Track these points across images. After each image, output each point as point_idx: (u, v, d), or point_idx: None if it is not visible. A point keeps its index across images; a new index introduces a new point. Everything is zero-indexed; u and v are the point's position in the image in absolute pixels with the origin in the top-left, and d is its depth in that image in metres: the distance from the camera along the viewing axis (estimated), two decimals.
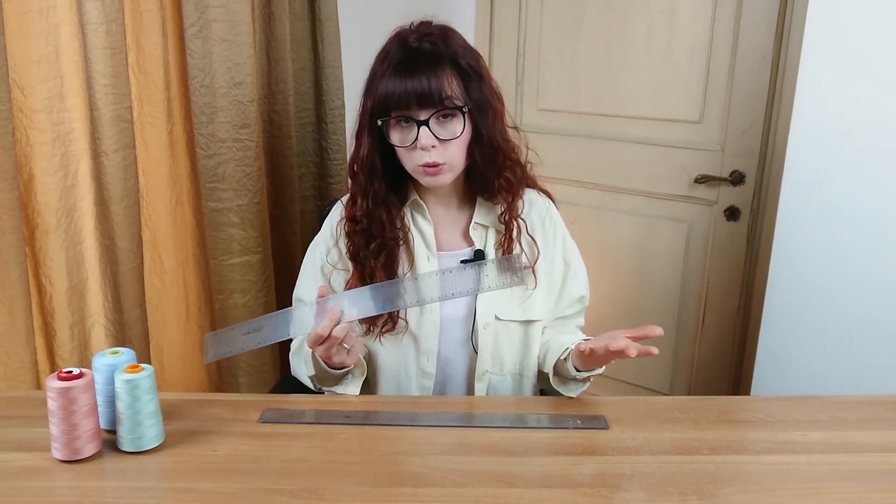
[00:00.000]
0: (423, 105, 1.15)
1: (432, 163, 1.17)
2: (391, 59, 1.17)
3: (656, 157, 2.10)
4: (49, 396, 0.95)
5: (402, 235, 1.26)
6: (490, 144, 1.21)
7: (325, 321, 1.08)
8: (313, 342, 1.10)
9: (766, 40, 1.87)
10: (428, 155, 1.16)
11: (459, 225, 1.30)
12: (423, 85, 1.14)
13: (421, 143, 1.15)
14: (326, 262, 1.30)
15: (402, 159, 1.21)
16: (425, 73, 1.14)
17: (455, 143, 1.18)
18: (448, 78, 1.16)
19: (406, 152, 1.18)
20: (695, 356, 2.18)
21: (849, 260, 1.74)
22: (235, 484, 0.94)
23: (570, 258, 1.33)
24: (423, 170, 1.18)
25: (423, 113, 1.15)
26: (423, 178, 1.20)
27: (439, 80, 1.15)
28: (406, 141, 1.17)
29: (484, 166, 1.22)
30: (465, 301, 1.26)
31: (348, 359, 1.15)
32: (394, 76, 1.16)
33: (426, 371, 1.27)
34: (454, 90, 1.16)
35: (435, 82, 1.14)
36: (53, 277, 1.46)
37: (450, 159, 1.18)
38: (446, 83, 1.15)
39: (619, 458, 1.01)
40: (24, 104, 1.38)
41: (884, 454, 1.02)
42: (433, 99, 1.14)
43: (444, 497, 0.91)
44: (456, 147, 1.18)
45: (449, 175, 1.20)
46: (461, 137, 1.18)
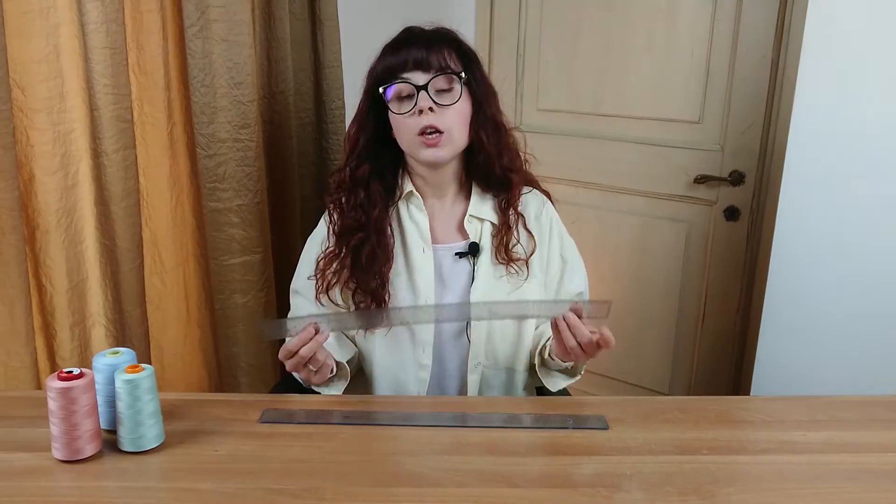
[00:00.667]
0: (420, 68, 1.19)
1: (431, 127, 1.18)
2: (393, 40, 1.23)
3: (656, 157, 2.10)
4: (49, 396, 0.95)
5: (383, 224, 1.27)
6: (492, 121, 1.25)
7: (296, 339, 1.11)
8: (283, 357, 1.14)
9: (766, 40, 1.87)
10: (426, 118, 1.18)
11: (454, 218, 1.31)
12: (422, 52, 1.19)
13: (420, 104, 1.18)
14: (322, 250, 1.31)
15: (400, 134, 1.23)
16: (424, 44, 1.20)
17: (453, 113, 1.20)
18: (447, 51, 1.21)
19: (404, 122, 1.20)
20: (695, 356, 2.18)
21: (849, 260, 1.74)
22: (235, 484, 0.94)
23: (568, 255, 1.34)
24: (421, 141, 1.19)
25: (421, 77, 1.19)
26: (422, 151, 1.21)
27: (439, 51, 1.20)
28: (405, 108, 1.19)
29: (488, 143, 1.25)
30: (459, 293, 1.26)
31: (314, 378, 1.18)
32: (393, 51, 1.21)
33: (422, 363, 1.28)
34: (453, 61, 1.21)
35: (434, 52, 1.19)
36: (54, 277, 1.46)
37: (448, 127, 1.20)
38: (445, 54, 1.21)
39: (619, 458, 1.01)
40: (24, 104, 1.38)
41: (884, 454, 1.02)
42: (430, 63, 1.19)
43: (444, 497, 0.92)
44: (455, 117, 1.21)
45: (448, 149, 1.22)
46: (460, 109, 1.21)
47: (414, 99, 1.19)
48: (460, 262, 1.28)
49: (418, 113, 1.18)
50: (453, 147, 1.22)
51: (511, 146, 1.29)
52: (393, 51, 1.22)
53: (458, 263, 1.28)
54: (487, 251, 1.28)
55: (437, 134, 1.19)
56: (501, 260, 1.27)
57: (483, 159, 1.26)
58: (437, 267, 1.28)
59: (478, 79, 1.24)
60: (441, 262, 1.28)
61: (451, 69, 1.20)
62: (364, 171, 1.26)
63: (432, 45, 1.20)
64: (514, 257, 1.27)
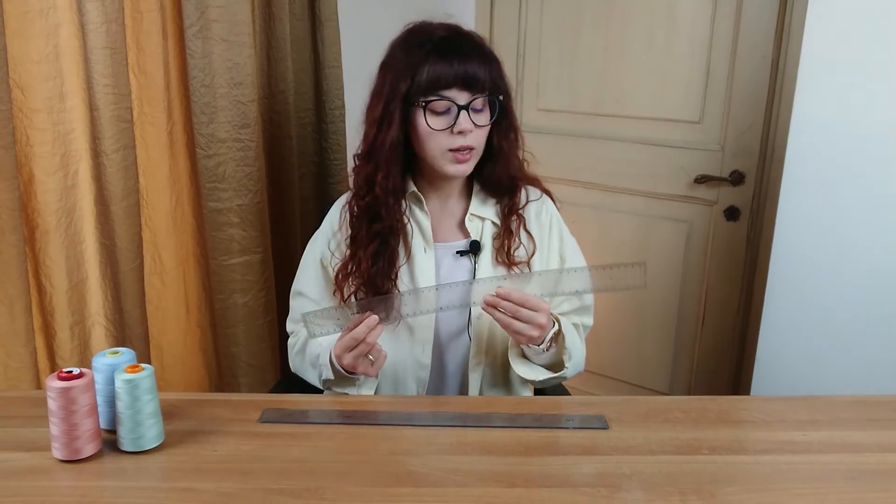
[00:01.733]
0: (466, 87, 1.17)
1: (467, 146, 1.19)
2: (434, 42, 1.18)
3: (656, 157, 2.10)
4: (49, 396, 0.95)
5: (400, 227, 1.27)
6: (514, 129, 1.26)
7: (362, 326, 1.12)
8: (344, 348, 1.14)
9: (766, 40, 1.87)
10: (463, 139, 1.18)
11: (455, 216, 1.31)
12: (464, 68, 1.17)
13: (461, 126, 1.17)
14: (327, 248, 1.30)
15: (428, 145, 1.20)
16: (474, 57, 1.18)
17: (483, 131, 1.22)
18: (485, 66, 1.19)
19: (436, 136, 1.19)
20: (695, 356, 2.18)
21: (849, 260, 1.74)
22: (235, 484, 0.94)
23: (567, 254, 1.33)
24: (453, 156, 1.20)
25: (464, 97, 1.17)
26: (451, 165, 1.21)
27: (479, 67, 1.18)
28: (442, 124, 1.18)
29: (508, 153, 1.26)
30: (460, 291, 1.26)
31: (372, 370, 1.18)
32: (441, 59, 1.17)
33: (422, 362, 1.28)
34: (490, 78, 1.20)
35: (476, 67, 1.17)
36: (53, 277, 1.46)
37: (479, 145, 1.21)
38: (484, 70, 1.19)
39: (619, 457, 1.01)
40: (24, 104, 1.38)
41: (884, 454, 1.02)
42: (476, 83, 1.17)
43: (444, 497, 0.91)
44: (483, 135, 1.22)
45: (473, 163, 1.23)
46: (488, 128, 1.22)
47: (452, 116, 1.17)
48: (461, 260, 1.28)
49: (457, 132, 1.18)
50: (475, 162, 1.24)
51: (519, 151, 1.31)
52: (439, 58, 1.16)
53: (458, 262, 1.28)
54: (488, 249, 1.28)
55: (469, 151, 1.20)
56: (502, 262, 1.27)
57: (499, 167, 1.27)
58: (438, 265, 1.28)
59: (504, 89, 1.23)
60: (441, 261, 1.28)
61: (490, 91, 1.19)
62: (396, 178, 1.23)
63: (474, 58, 1.18)
64: (516, 261, 1.27)
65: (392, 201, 1.24)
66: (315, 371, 1.26)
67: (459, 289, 1.19)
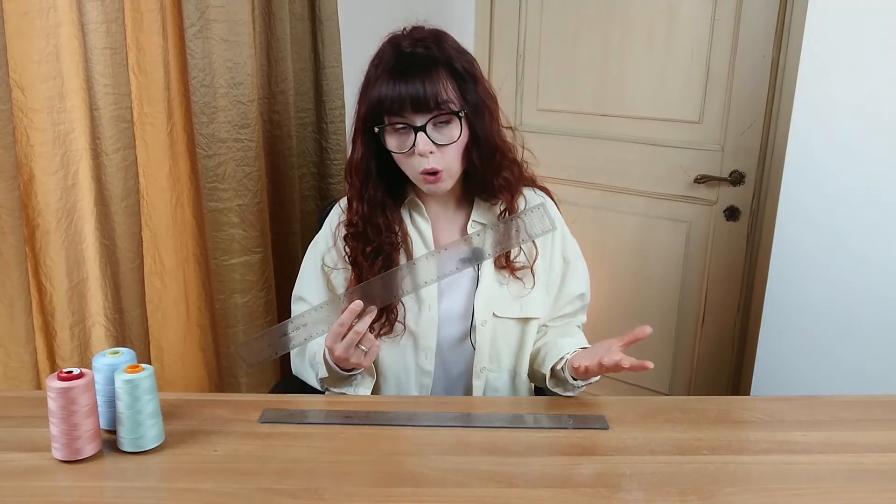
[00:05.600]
0: (418, 110, 1.14)
1: (431, 169, 1.17)
2: (385, 63, 1.16)
3: (656, 157, 2.10)
4: (49, 396, 0.95)
5: (399, 239, 1.25)
6: (487, 145, 1.21)
7: (346, 313, 1.09)
8: (334, 338, 1.11)
9: (766, 40, 1.87)
10: (426, 161, 1.16)
11: (457, 224, 1.30)
12: (419, 90, 1.13)
13: (419, 149, 1.14)
14: (325, 263, 1.30)
15: (401, 165, 1.20)
16: (420, 78, 1.13)
17: (452, 148, 1.18)
18: (443, 82, 1.15)
19: (404, 158, 1.18)
20: (695, 356, 2.18)
21: (848, 259, 1.74)
22: (235, 484, 0.94)
23: (570, 256, 1.33)
24: (423, 178, 1.18)
25: (419, 118, 1.14)
26: (424, 185, 1.20)
27: (434, 85, 1.13)
28: (403, 147, 1.17)
29: (482, 168, 1.22)
30: (463, 298, 1.26)
31: (365, 360, 1.14)
32: (388, 81, 1.14)
33: (425, 369, 1.27)
34: (450, 94, 1.16)
35: (430, 87, 1.13)
36: (53, 277, 1.46)
37: (447, 165, 1.18)
38: (441, 87, 1.14)
39: (619, 458, 1.01)
40: (24, 104, 1.38)
41: (884, 454, 1.02)
42: (429, 104, 1.13)
43: (444, 497, 0.91)
44: (453, 152, 1.18)
45: (448, 182, 1.21)
46: (460, 141, 1.18)
47: (411, 136, 1.15)
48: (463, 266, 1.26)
49: (418, 155, 1.16)
50: (452, 179, 1.21)
51: (508, 159, 1.26)
52: (387, 81, 1.14)
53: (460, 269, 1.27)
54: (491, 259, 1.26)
55: (438, 173, 1.18)
56: (502, 267, 1.26)
57: (478, 179, 1.24)
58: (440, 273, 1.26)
59: (474, 103, 1.19)
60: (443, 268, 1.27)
61: (449, 108, 1.15)
62: (380, 195, 1.23)
63: (428, 76, 1.14)
64: (516, 267, 1.26)
65: (382, 217, 1.23)
66: (313, 371, 1.25)
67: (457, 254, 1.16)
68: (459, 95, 1.17)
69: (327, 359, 1.18)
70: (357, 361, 1.14)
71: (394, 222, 1.26)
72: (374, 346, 1.14)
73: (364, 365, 1.16)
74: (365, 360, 1.14)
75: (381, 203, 1.24)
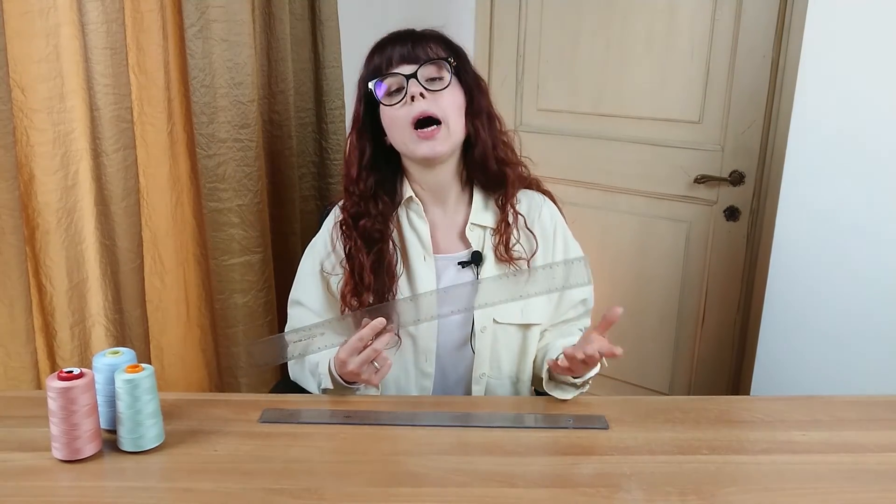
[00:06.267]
0: (407, 61, 1.19)
1: (424, 114, 1.17)
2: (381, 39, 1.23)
3: (656, 157, 2.10)
4: (49, 396, 0.95)
5: (394, 234, 1.25)
6: (486, 111, 1.25)
7: (367, 329, 1.09)
8: (350, 352, 1.11)
9: (766, 40, 1.87)
10: (418, 104, 1.17)
11: (456, 227, 1.29)
12: (407, 48, 1.19)
13: (410, 91, 1.17)
14: (324, 268, 1.29)
15: (394, 130, 1.21)
16: (410, 40, 1.20)
17: (447, 99, 1.19)
18: (433, 44, 1.21)
19: (397, 115, 1.18)
20: (695, 356, 2.18)
21: (848, 260, 1.74)
22: (235, 484, 0.94)
23: None
24: (416, 135, 1.18)
25: (408, 69, 1.18)
26: (418, 145, 1.18)
27: (425, 44, 1.20)
28: (396, 99, 1.19)
29: (484, 132, 1.24)
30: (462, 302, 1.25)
31: (375, 378, 1.14)
32: (379, 50, 1.21)
33: (425, 371, 1.27)
34: (440, 51, 1.21)
35: (420, 45, 1.20)
36: (54, 277, 1.46)
37: (444, 116, 1.18)
38: (431, 46, 1.20)
39: (619, 458, 1.01)
40: (24, 104, 1.38)
41: (884, 454, 1.02)
42: (418, 55, 1.19)
43: (444, 497, 0.91)
44: (449, 103, 1.19)
45: (446, 143, 1.19)
46: (454, 98, 1.20)
47: (404, 89, 1.18)
48: (463, 271, 1.25)
49: (410, 100, 1.17)
50: (451, 140, 1.20)
51: (507, 139, 1.28)
52: (379, 50, 1.22)
53: (461, 273, 1.26)
54: (490, 260, 1.26)
55: (434, 126, 1.17)
56: (501, 258, 1.25)
57: (479, 152, 1.24)
58: (439, 276, 1.26)
59: (467, 70, 1.24)
60: (442, 273, 1.26)
61: (438, 57, 1.20)
62: (372, 183, 1.24)
63: (417, 40, 1.20)
64: (515, 257, 1.25)
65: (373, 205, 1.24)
66: (314, 379, 1.24)
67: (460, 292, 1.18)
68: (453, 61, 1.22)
69: (333, 371, 1.18)
70: (367, 378, 1.13)
71: (389, 218, 1.25)
72: (387, 365, 1.14)
73: (373, 383, 1.15)
74: (375, 378, 1.14)
75: (374, 193, 1.25)
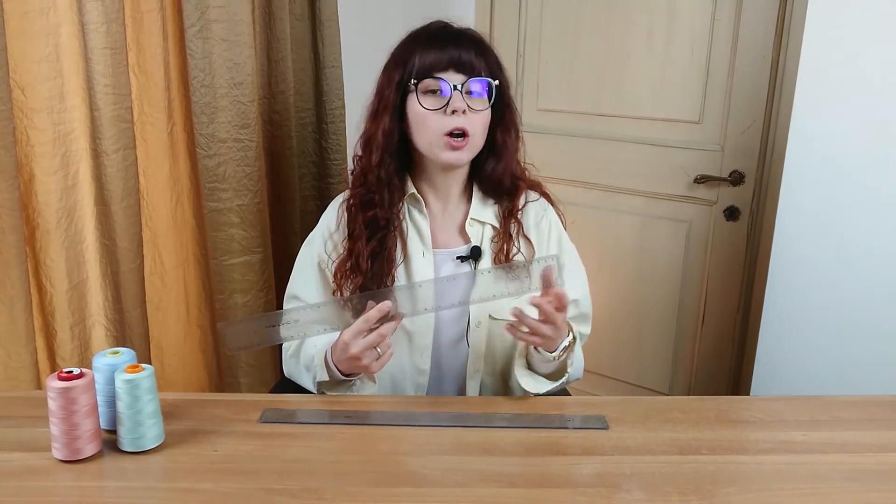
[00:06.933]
0: (461, 71, 1.18)
1: (460, 128, 1.18)
2: (430, 34, 1.22)
3: (656, 157, 2.10)
4: (49, 396, 0.95)
5: (396, 223, 1.25)
6: (516, 130, 1.26)
7: (374, 311, 1.08)
8: (354, 334, 1.09)
9: (766, 40, 1.87)
10: (458, 120, 1.17)
11: (456, 221, 1.30)
12: (460, 53, 1.18)
13: (454, 104, 1.17)
14: (323, 251, 1.29)
15: (422, 131, 1.20)
16: (463, 46, 1.19)
17: (480, 119, 1.20)
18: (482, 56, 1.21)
19: (430, 119, 1.19)
20: (694, 356, 2.18)
21: (848, 260, 1.74)
22: (235, 484, 0.94)
23: (564, 261, 1.31)
24: (447, 141, 1.18)
25: (457, 78, 1.18)
26: (444, 152, 1.20)
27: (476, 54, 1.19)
28: (436, 104, 1.18)
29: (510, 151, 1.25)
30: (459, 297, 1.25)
31: (375, 365, 1.12)
32: (434, 46, 1.20)
33: (421, 368, 1.27)
34: (486, 67, 1.21)
35: (472, 54, 1.19)
36: (54, 277, 1.46)
37: (473, 131, 1.20)
38: (481, 58, 1.20)
39: (619, 458, 1.01)
40: (24, 104, 1.38)
41: (884, 454, 1.02)
42: (470, 67, 1.18)
43: (444, 497, 0.92)
44: (480, 123, 1.21)
45: (469, 153, 1.22)
46: (485, 116, 1.21)
47: (447, 98, 1.17)
48: (461, 266, 1.27)
49: (450, 112, 1.17)
50: (473, 152, 1.22)
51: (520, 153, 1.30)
52: (432, 45, 1.19)
53: (459, 268, 1.27)
54: (488, 255, 1.27)
55: (464, 137, 1.19)
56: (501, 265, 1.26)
57: (501, 165, 1.26)
58: (437, 271, 1.27)
59: (505, 87, 1.25)
60: (440, 267, 1.27)
61: (485, 74, 1.20)
62: (393, 170, 1.24)
63: (470, 47, 1.20)
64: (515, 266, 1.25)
65: (387, 194, 1.24)
66: (309, 374, 1.23)
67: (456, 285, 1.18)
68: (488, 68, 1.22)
69: (328, 361, 1.17)
70: (368, 363, 1.11)
71: (395, 206, 1.26)
72: (388, 353, 1.13)
73: (372, 370, 1.14)
74: (375, 365, 1.12)
75: (390, 179, 1.24)
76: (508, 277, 1.16)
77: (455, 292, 1.17)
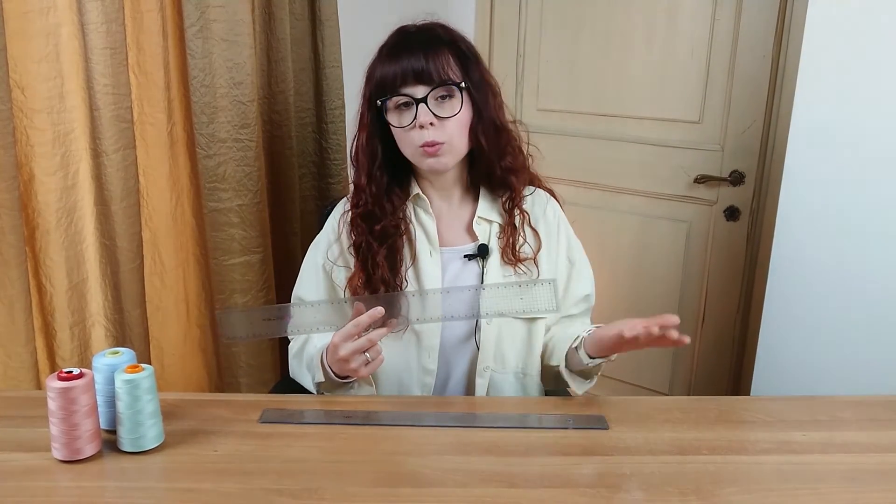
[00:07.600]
0: (420, 81, 1.16)
1: (430, 142, 1.17)
2: (389, 44, 1.20)
3: (656, 157, 2.10)
4: (49, 396, 0.95)
5: (403, 227, 1.25)
6: (492, 124, 1.23)
7: (365, 316, 1.08)
8: (344, 336, 1.09)
9: (766, 40, 1.87)
10: (427, 133, 1.16)
11: (462, 220, 1.29)
12: (421, 63, 1.16)
13: (420, 119, 1.16)
14: (327, 258, 1.29)
15: (402, 144, 1.21)
16: (422, 52, 1.16)
17: (454, 122, 1.18)
18: (445, 57, 1.18)
19: (405, 135, 1.19)
20: (695, 356, 2.18)
21: (848, 260, 1.74)
22: (235, 484, 0.94)
23: (575, 257, 1.33)
24: (422, 151, 1.18)
25: (420, 90, 1.16)
26: (424, 160, 1.20)
27: (436, 60, 1.16)
28: (405, 121, 1.17)
29: (488, 147, 1.23)
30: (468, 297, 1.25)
31: (364, 370, 1.12)
32: (390, 59, 1.18)
33: (427, 368, 1.26)
34: (452, 69, 1.18)
35: (432, 61, 1.16)
36: (53, 277, 1.46)
37: (449, 138, 1.18)
38: (443, 62, 1.17)
39: (619, 458, 1.01)
40: (24, 104, 1.38)
41: (883, 454, 1.02)
42: (431, 76, 1.16)
43: (445, 497, 0.91)
44: (455, 126, 1.19)
45: (449, 158, 1.20)
46: (460, 117, 1.19)
47: (414, 111, 1.16)
48: (469, 264, 1.26)
49: (419, 127, 1.16)
50: (454, 155, 1.21)
51: (512, 145, 1.27)
52: (390, 58, 1.18)
53: (466, 266, 1.26)
54: (496, 253, 1.26)
55: (438, 145, 1.18)
56: (509, 261, 1.26)
57: (484, 163, 1.25)
58: (444, 270, 1.26)
59: (477, 81, 1.21)
60: (448, 265, 1.27)
61: (450, 79, 1.17)
62: (385, 181, 1.24)
63: (430, 51, 1.17)
64: (522, 257, 1.25)
65: (387, 203, 1.24)
66: (309, 374, 1.24)
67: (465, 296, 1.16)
68: (462, 72, 1.19)
69: (324, 361, 1.17)
70: (356, 367, 1.11)
71: (399, 209, 1.26)
72: (379, 359, 1.13)
73: (361, 374, 1.13)
74: (364, 370, 1.12)
75: (386, 188, 1.24)
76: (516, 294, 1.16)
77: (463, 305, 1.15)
